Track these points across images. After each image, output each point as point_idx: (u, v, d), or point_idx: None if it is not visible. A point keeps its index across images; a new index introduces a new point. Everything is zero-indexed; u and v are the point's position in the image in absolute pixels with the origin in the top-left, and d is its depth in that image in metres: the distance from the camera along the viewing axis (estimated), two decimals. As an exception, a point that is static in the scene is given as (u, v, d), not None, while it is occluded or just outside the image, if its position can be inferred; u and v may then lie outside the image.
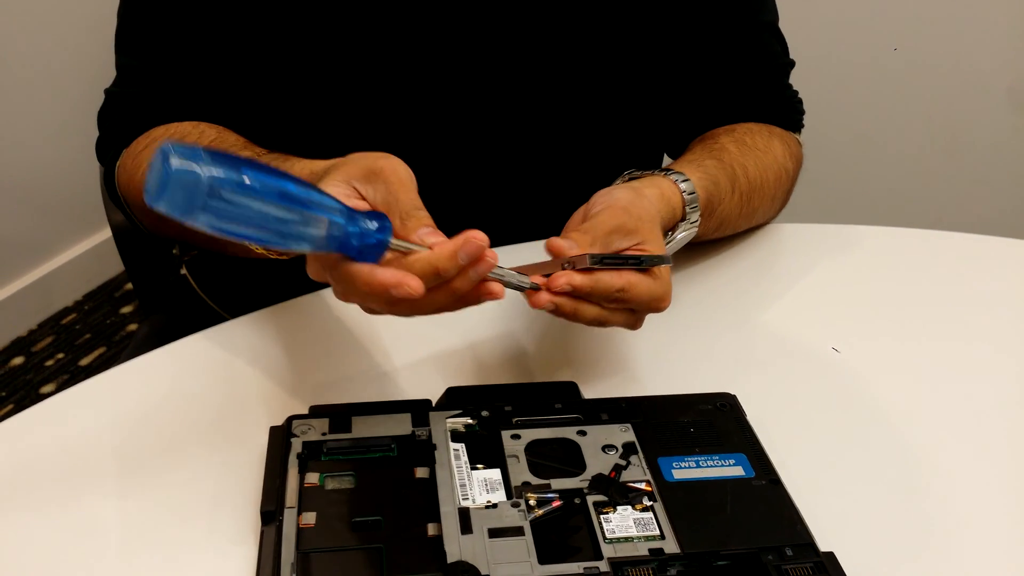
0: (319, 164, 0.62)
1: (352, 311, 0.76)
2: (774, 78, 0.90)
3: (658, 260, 0.62)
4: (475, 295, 0.56)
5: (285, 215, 0.49)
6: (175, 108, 0.81)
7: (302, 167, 0.65)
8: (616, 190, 0.67)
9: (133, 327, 2.05)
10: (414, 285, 0.53)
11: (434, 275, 0.53)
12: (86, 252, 2.12)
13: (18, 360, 1.95)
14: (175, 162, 0.45)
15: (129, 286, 2.15)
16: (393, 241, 0.54)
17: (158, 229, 0.83)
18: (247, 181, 0.47)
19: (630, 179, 0.73)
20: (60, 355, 1.97)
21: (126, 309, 2.10)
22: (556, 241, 0.61)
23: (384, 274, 0.53)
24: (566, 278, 0.59)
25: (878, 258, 0.87)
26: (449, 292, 0.55)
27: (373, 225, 0.53)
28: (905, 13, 1.73)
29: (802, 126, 0.92)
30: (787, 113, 0.90)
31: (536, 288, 0.60)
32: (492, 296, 0.56)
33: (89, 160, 1.10)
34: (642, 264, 0.61)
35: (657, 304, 0.63)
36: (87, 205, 1.82)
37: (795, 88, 0.92)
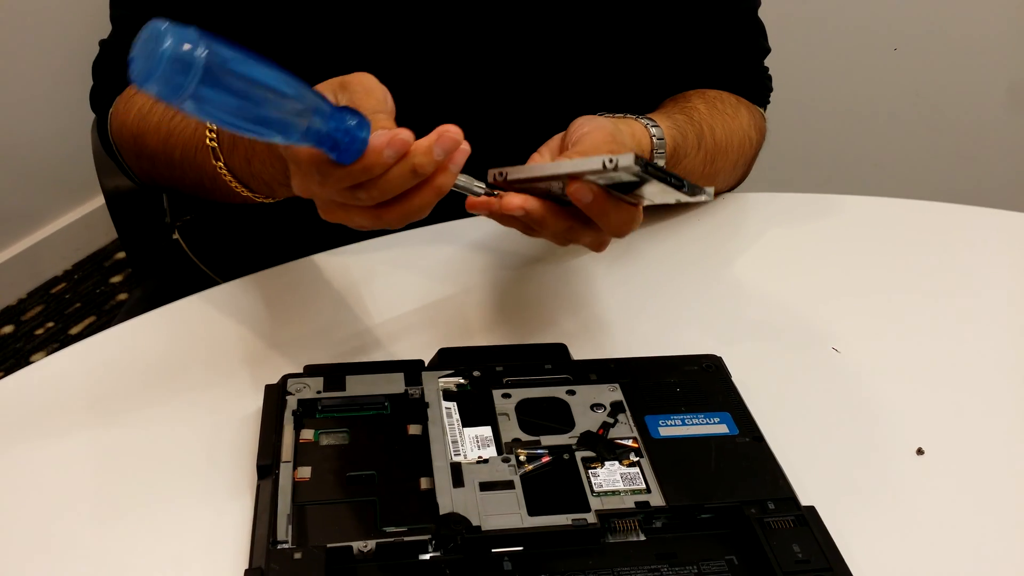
0: None
1: (345, 275, 0.78)
2: (748, 53, 0.93)
3: (700, 191, 0.56)
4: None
5: (279, 102, 0.48)
6: None
7: None
8: (598, 117, 0.67)
9: (123, 296, 2.05)
10: (404, 136, 0.52)
11: (411, 174, 0.53)
12: (76, 221, 2.12)
13: (7, 329, 1.95)
14: (168, 43, 0.43)
15: (119, 255, 2.15)
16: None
17: (146, 177, 0.83)
18: (237, 67, 0.46)
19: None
20: (50, 324, 1.97)
21: (116, 278, 2.10)
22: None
23: (377, 138, 0.52)
24: (520, 201, 0.58)
25: (864, 227, 0.88)
26: (432, 190, 0.55)
27: (353, 121, 0.52)
28: (905, 13, 1.74)
29: (768, 102, 0.95)
30: (756, 87, 0.93)
31: (490, 194, 0.59)
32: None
33: (79, 129, 1.10)
34: (683, 188, 0.55)
35: (626, 229, 0.60)
36: (77, 174, 1.82)
37: (780, 82, 0.94)
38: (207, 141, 0.70)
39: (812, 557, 0.52)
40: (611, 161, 0.53)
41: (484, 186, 0.60)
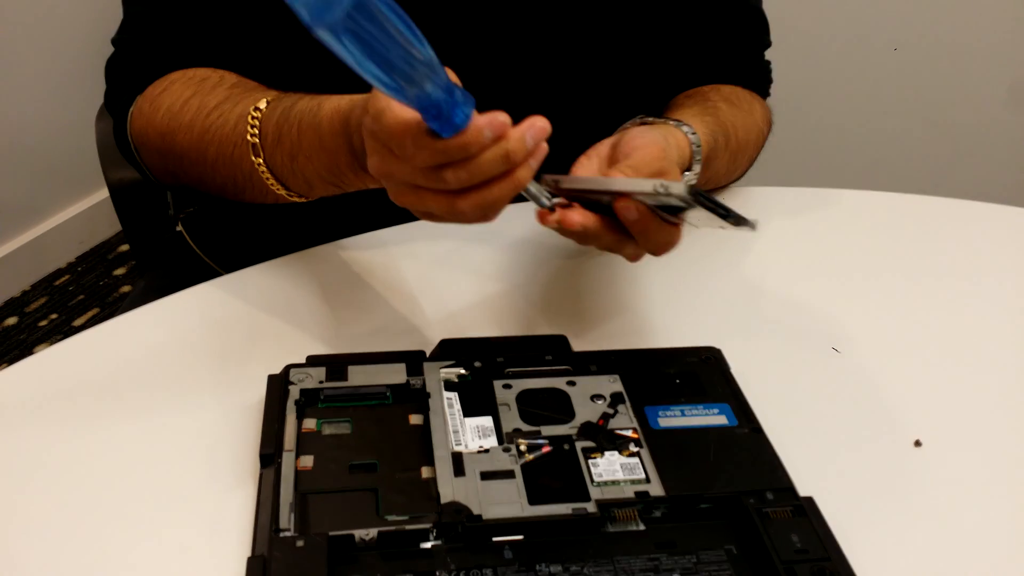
0: (346, 99, 0.62)
1: (348, 267, 0.78)
2: (754, 47, 0.95)
3: (745, 223, 0.56)
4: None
5: (408, 52, 0.48)
6: (190, 55, 0.80)
7: (331, 103, 0.64)
8: (649, 131, 0.67)
9: (126, 288, 2.06)
10: (503, 118, 0.52)
11: (502, 158, 0.53)
12: (79, 214, 2.13)
13: (11, 320, 1.96)
14: None
15: (122, 248, 2.16)
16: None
17: (169, 177, 0.83)
18: (385, 8, 0.46)
19: (642, 123, 0.74)
20: (53, 315, 1.98)
21: (119, 271, 2.11)
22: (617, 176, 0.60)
23: (477, 117, 0.52)
24: (580, 218, 0.59)
25: (864, 221, 0.89)
26: (511, 183, 0.54)
27: (461, 96, 0.52)
28: (905, 13, 1.74)
29: (768, 94, 0.97)
30: (761, 80, 0.95)
31: (552, 208, 0.59)
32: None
33: (83, 121, 1.11)
34: (729, 217, 0.55)
35: (664, 249, 0.62)
36: (81, 167, 1.83)
37: (783, 80, 0.96)
38: (248, 137, 0.69)
39: (810, 547, 0.52)
40: (663, 187, 0.54)
41: (550, 196, 0.60)
